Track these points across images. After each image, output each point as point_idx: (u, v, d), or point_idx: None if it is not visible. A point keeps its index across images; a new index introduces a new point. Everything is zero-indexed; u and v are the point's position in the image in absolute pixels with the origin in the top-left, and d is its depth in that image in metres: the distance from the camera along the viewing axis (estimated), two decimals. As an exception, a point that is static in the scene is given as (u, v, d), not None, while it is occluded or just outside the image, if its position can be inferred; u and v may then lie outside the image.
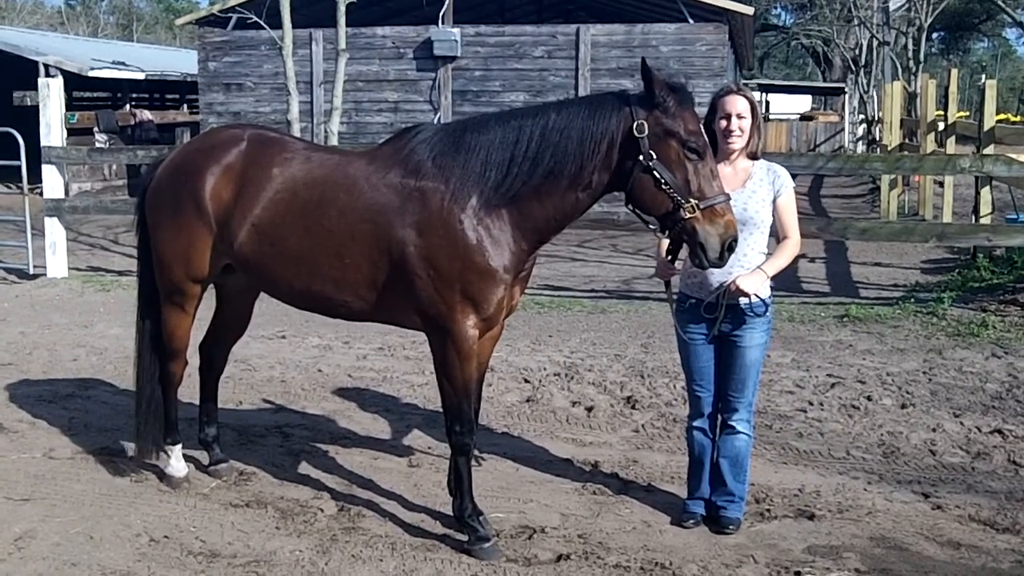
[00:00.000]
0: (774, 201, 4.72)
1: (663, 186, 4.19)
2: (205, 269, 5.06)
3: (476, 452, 5.39)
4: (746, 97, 4.64)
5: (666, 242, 4.52)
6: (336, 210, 4.62)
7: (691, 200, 4.16)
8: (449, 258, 4.39)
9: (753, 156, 4.73)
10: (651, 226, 4.41)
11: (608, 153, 4.27)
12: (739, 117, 4.60)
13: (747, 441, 4.88)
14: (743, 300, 4.61)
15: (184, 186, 4.99)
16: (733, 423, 4.83)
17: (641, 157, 4.20)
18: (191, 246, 5.00)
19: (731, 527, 4.81)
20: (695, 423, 4.93)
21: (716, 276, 4.59)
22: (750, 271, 4.60)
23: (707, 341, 4.77)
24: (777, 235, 4.81)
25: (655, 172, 4.19)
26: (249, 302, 5.58)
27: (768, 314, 4.74)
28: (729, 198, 4.26)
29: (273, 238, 4.77)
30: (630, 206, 4.39)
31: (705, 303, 4.69)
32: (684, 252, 4.49)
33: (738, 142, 4.64)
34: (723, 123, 4.62)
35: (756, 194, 4.69)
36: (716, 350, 4.80)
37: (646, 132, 4.20)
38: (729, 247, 4.21)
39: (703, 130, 4.28)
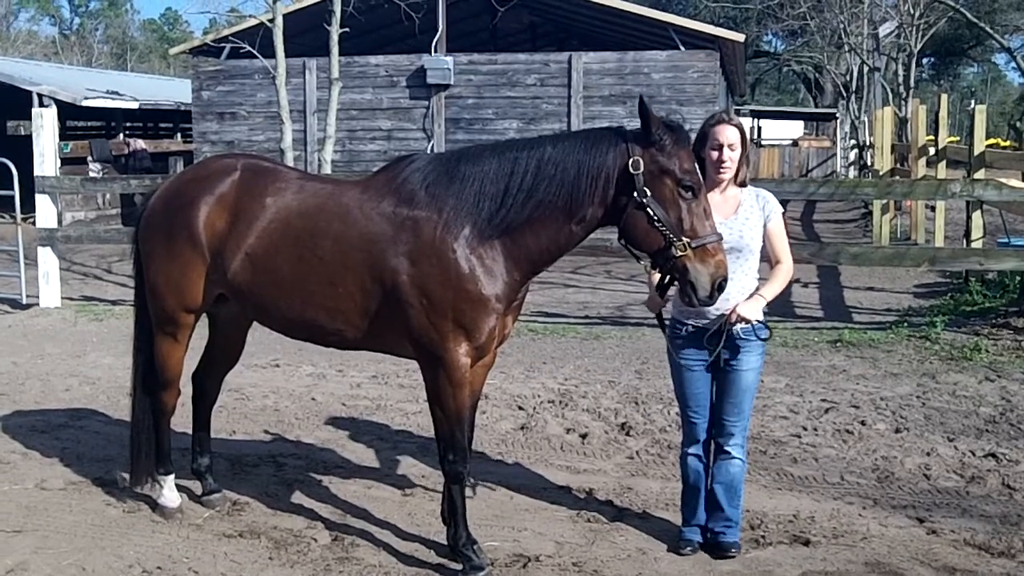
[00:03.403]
0: (764, 226, 4.74)
1: (656, 223, 4.21)
2: (199, 299, 5.06)
3: (470, 480, 5.38)
4: (736, 126, 4.66)
5: (657, 275, 4.52)
6: (330, 239, 4.63)
7: (683, 239, 4.19)
8: (442, 287, 4.39)
9: (742, 183, 4.75)
10: (641, 261, 4.43)
11: (604, 188, 4.28)
12: (730, 148, 4.61)
13: (741, 466, 4.88)
14: (743, 326, 4.62)
15: (177, 216, 4.99)
16: (729, 448, 4.82)
17: (635, 194, 4.22)
18: (184, 276, 5.00)
19: (733, 551, 4.80)
20: (690, 450, 4.91)
21: (718, 304, 4.58)
22: (749, 297, 4.62)
23: (706, 368, 4.77)
24: (768, 260, 4.83)
25: (649, 209, 4.21)
26: (242, 332, 5.58)
27: (764, 338, 4.76)
28: (721, 238, 4.27)
29: (267, 267, 4.78)
30: (622, 241, 4.40)
31: (710, 333, 4.67)
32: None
33: (728, 172, 4.65)
34: (714, 154, 4.62)
35: (749, 221, 4.71)
36: (710, 376, 4.81)
37: (641, 169, 4.22)
38: (719, 286, 4.23)
39: (698, 169, 4.29)
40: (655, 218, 4.20)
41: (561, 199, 4.31)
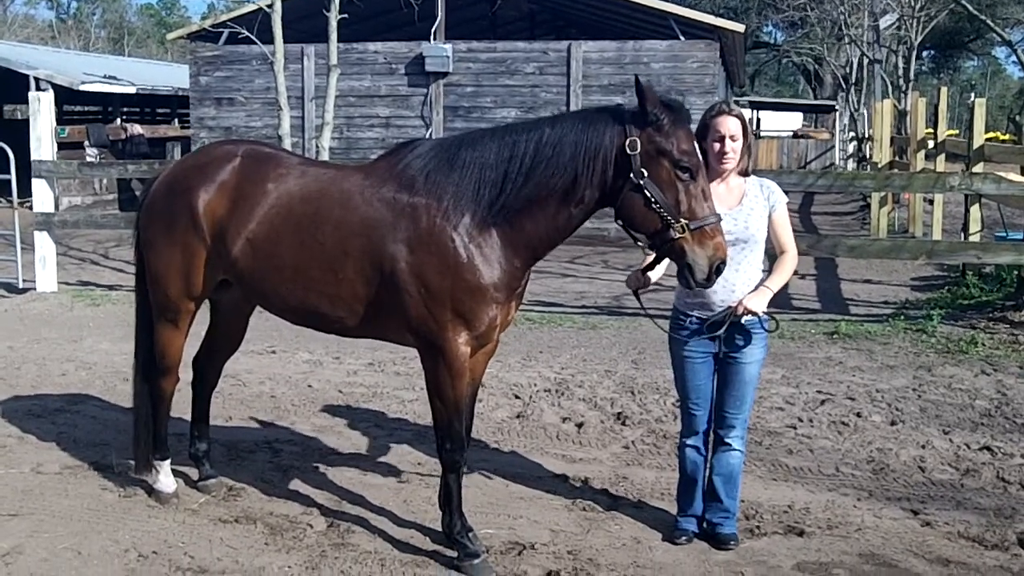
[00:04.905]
0: (769, 216, 4.72)
1: (653, 205, 4.16)
2: (200, 285, 5.05)
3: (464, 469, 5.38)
4: (737, 116, 4.61)
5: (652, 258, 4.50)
6: (331, 225, 4.61)
7: (681, 220, 4.14)
8: (440, 275, 4.38)
9: (744, 173, 4.73)
10: (639, 243, 4.38)
11: (601, 170, 4.24)
12: (732, 139, 4.57)
13: (740, 457, 4.88)
14: (748, 318, 4.61)
15: (178, 202, 4.98)
16: (729, 440, 4.81)
17: (632, 175, 4.18)
18: (186, 262, 4.99)
19: (732, 543, 4.80)
20: (689, 441, 4.89)
21: (719, 294, 4.57)
22: (755, 290, 4.61)
23: (710, 358, 4.73)
24: (772, 250, 4.81)
25: (646, 191, 4.16)
26: (244, 319, 5.57)
27: (770, 330, 4.75)
28: (720, 219, 4.22)
29: (269, 253, 4.76)
30: (620, 222, 4.36)
31: (709, 322, 4.64)
32: (661, 269, 4.51)
33: (731, 163, 4.61)
34: (716, 145, 4.58)
35: (754, 211, 4.68)
36: (713, 367, 4.79)
37: (639, 149, 4.17)
38: (717, 269, 4.17)
39: (697, 149, 4.23)
40: (652, 199, 4.15)
41: (559, 181, 4.27)
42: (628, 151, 4.18)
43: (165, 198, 5.10)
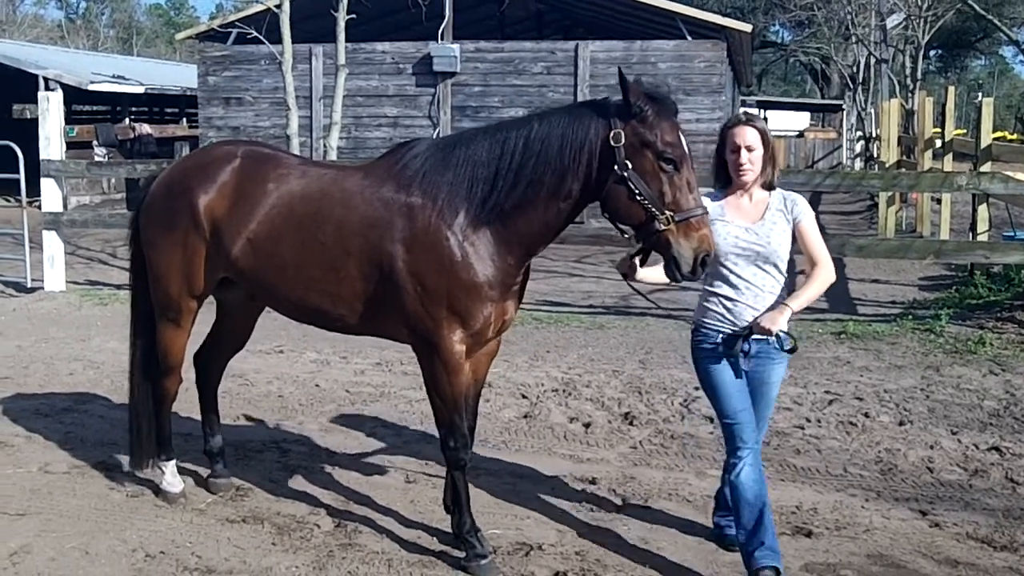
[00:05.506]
0: (794, 228, 4.53)
1: (637, 197, 4.13)
2: (201, 284, 5.07)
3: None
4: (756, 127, 4.47)
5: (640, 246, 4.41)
6: (332, 224, 4.63)
7: (665, 212, 4.11)
8: (436, 274, 4.39)
9: (769, 186, 4.56)
10: (626, 235, 4.34)
11: (587, 163, 4.22)
12: (749, 149, 4.43)
13: None
14: (761, 338, 4.42)
15: (179, 203, 5.00)
16: None
17: (616, 167, 4.16)
18: (187, 262, 5.02)
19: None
20: (747, 460, 4.46)
21: (744, 312, 4.42)
22: (773, 307, 4.42)
23: (739, 367, 4.51)
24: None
25: (630, 183, 4.13)
26: (251, 317, 5.58)
27: (787, 349, 4.52)
28: (706, 211, 4.18)
29: (270, 252, 4.78)
30: (606, 215, 4.32)
31: (727, 338, 4.46)
32: (655, 271, 4.45)
33: (749, 174, 4.47)
34: (733, 156, 4.47)
35: (776, 225, 4.50)
36: (742, 374, 4.65)
37: (623, 142, 4.15)
38: (702, 262, 4.12)
39: (682, 141, 4.16)
40: (636, 192, 4.12)
41: (547, 176, 4.26)
42: (612, 143, 4.16)
43: (165, 198, 5.12)
